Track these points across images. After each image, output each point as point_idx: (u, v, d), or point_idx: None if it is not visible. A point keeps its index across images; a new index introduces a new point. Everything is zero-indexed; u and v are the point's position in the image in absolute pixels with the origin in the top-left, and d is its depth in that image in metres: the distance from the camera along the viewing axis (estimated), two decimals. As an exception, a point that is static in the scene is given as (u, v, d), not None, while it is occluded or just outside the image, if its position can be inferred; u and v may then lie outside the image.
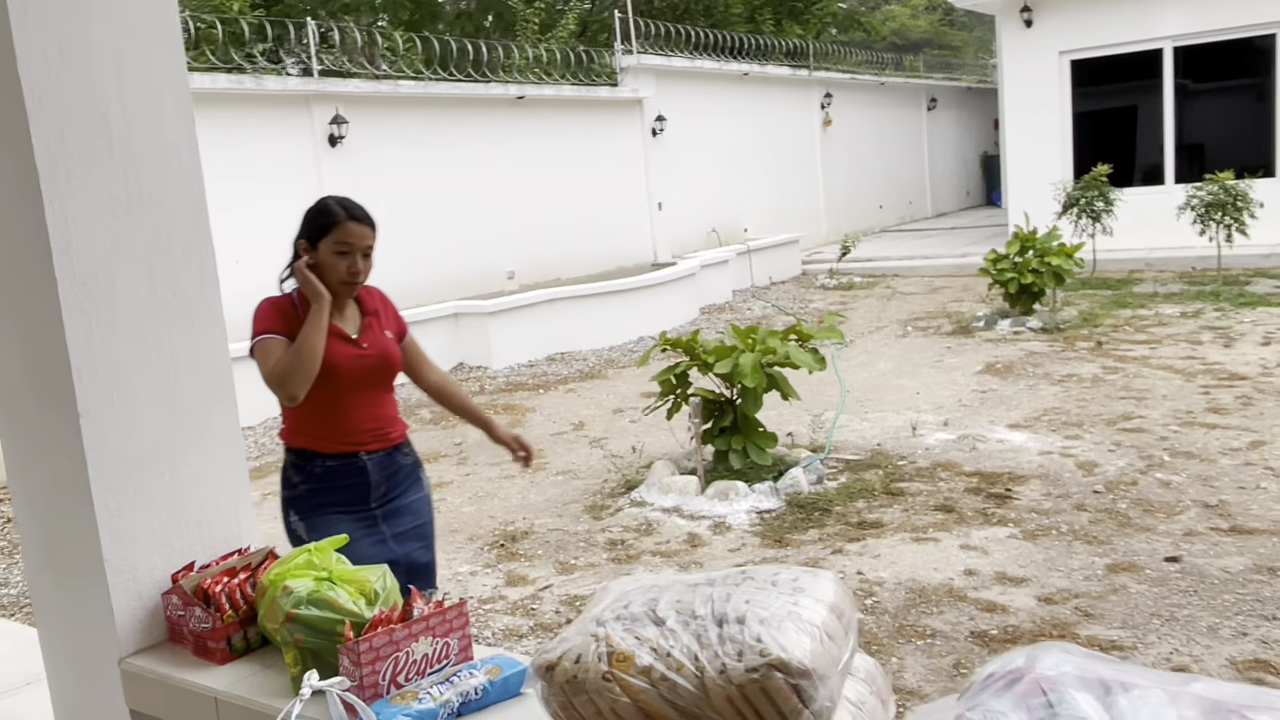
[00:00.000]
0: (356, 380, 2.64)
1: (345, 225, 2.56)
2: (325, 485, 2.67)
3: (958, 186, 22.28)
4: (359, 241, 2.58)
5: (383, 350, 2.71)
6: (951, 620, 3.66)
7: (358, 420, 2.66)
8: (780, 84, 16.01)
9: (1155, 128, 13.12)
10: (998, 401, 6.71)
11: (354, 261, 2.58)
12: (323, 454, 2.66)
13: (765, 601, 1.32)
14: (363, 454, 2.67)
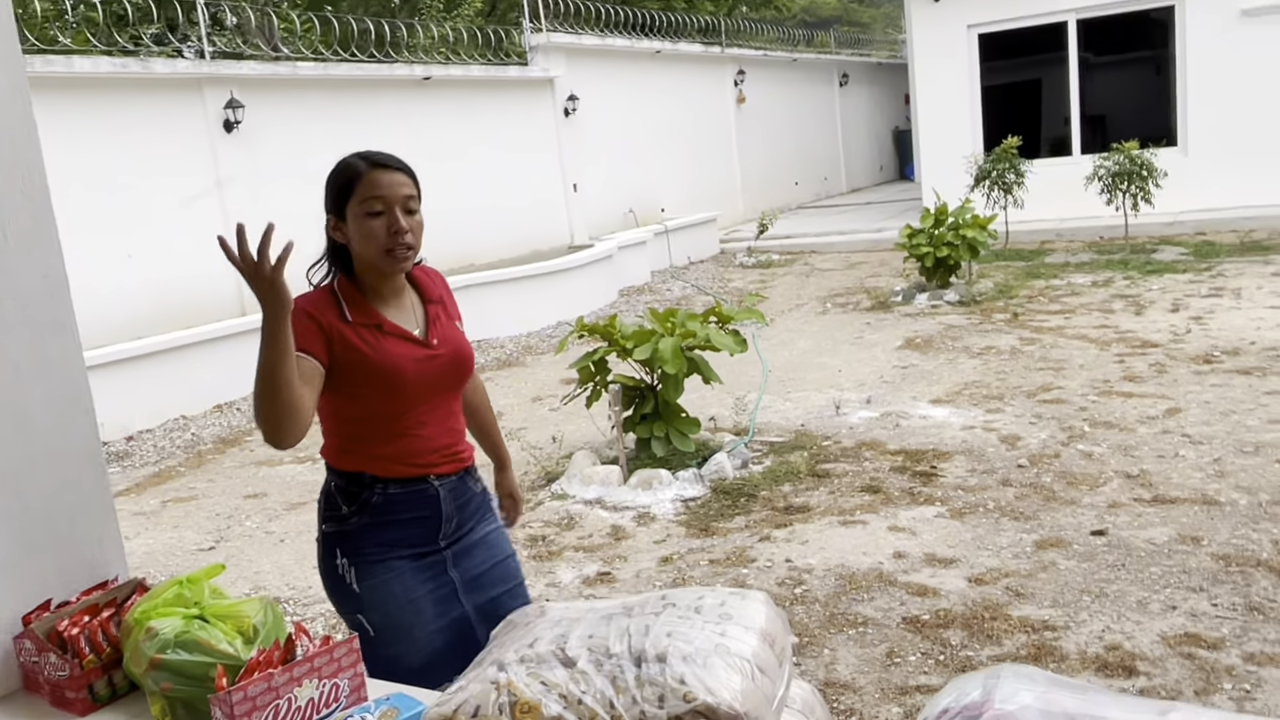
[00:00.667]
0: (426, 388, 2.09)
1: (369, 176, 2.01)
2: (385, 519, 2.09)
3: (871, 162, 22.45)
4: (393, 191, 2.00)
5: (456, 348, 2.16)
6: (883, 606, 3.57)
7: (428, 436, 2.10)
8: (693, 61, 15.87)
9: (1061, 100, 13.31)
10: (919, 377, 6.68)
11: (393, 219, 1.99)
12: (383, 478, 2.08)
13: (688, 634, 1.16)
14: (433, 477, 2.11)
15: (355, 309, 2.05)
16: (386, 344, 2.04)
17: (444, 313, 2.19)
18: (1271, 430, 4.93)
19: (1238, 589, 3.43)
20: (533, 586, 4.03)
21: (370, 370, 2.02)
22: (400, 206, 2.01)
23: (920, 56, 13.77)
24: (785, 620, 1.28)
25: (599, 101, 13.40)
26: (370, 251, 2.01)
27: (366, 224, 2.00)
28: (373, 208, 1.99)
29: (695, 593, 1.27)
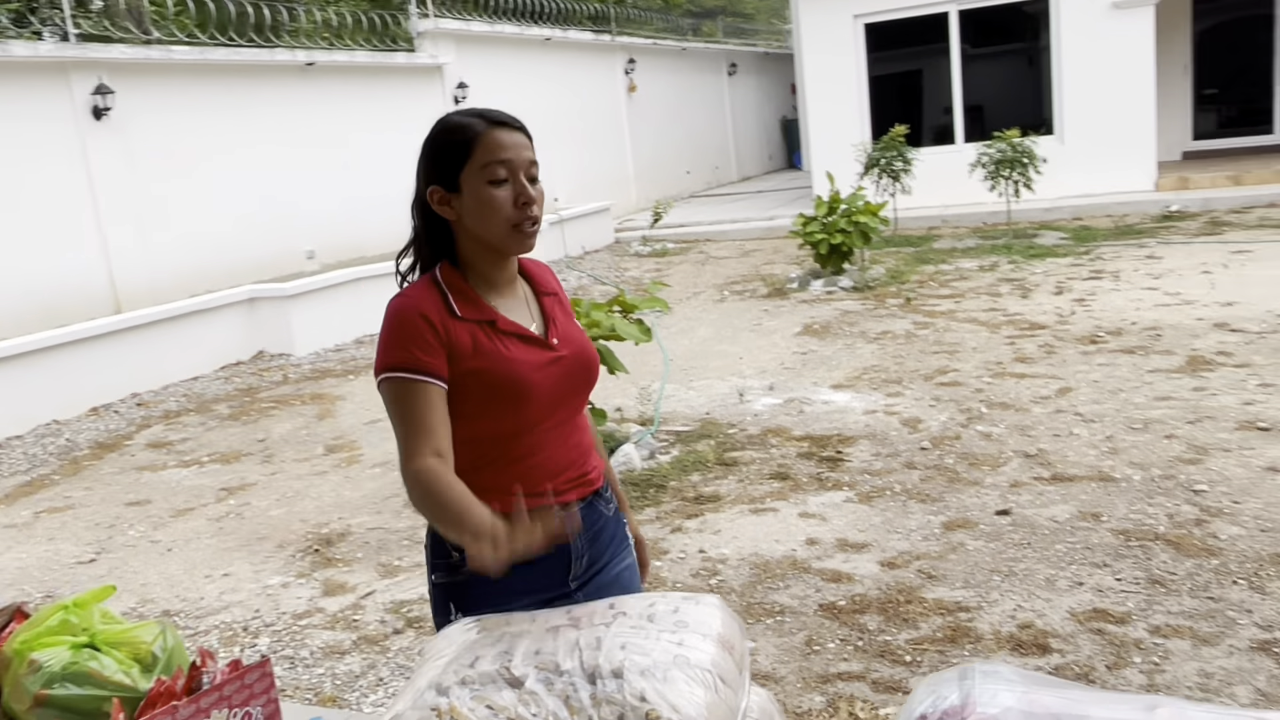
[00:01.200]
0: (553, 399, 1.73)
1: (489, 136, 1.66)
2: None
3: (760, 151, 22.67)
4: (518, 155, 1.67)
5: (580, 348, 1.81)
6: (799, 594, 3.56)
7: (552, 459, 1.75)
8: (583, 49, 15.74)
9: (944, 90, 13.62)
10: (819, 362, 6.73)
11: (521, 187, 1.66)
12: (500, 513, 1.64)
13: (644, 645, 1.08)
14: (559, 508, 1.72)
15: (463, 302, 1.69)
16: (503, 346, 1.69)
17: (560, 308, 1.84)
18: (1157, 407, 5.11)
19: (1139, 563, 3.52)
20: (441, 588, 3.90)
21: (485, 380, 1.65)
22: (524, 173, 1.68)
23: (808, 46, 13.92)
24: (740, 624, 1.21)
25: (489, 89, 13.17)
26: (493, 227, 1.67)
27: (489, 193, 1.65)
28: (496, 174, 1.65)
29: (645, 599, 1.19)
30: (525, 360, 1.69)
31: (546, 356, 1.72)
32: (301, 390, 7.46)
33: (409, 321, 1.64)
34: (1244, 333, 6.27)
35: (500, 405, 1.67)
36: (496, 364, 1.66)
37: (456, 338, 1.65)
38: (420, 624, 3.66)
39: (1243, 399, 5.07)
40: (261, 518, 4.94)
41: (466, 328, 1.67)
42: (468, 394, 1.66)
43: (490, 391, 1.66)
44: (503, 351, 1.68)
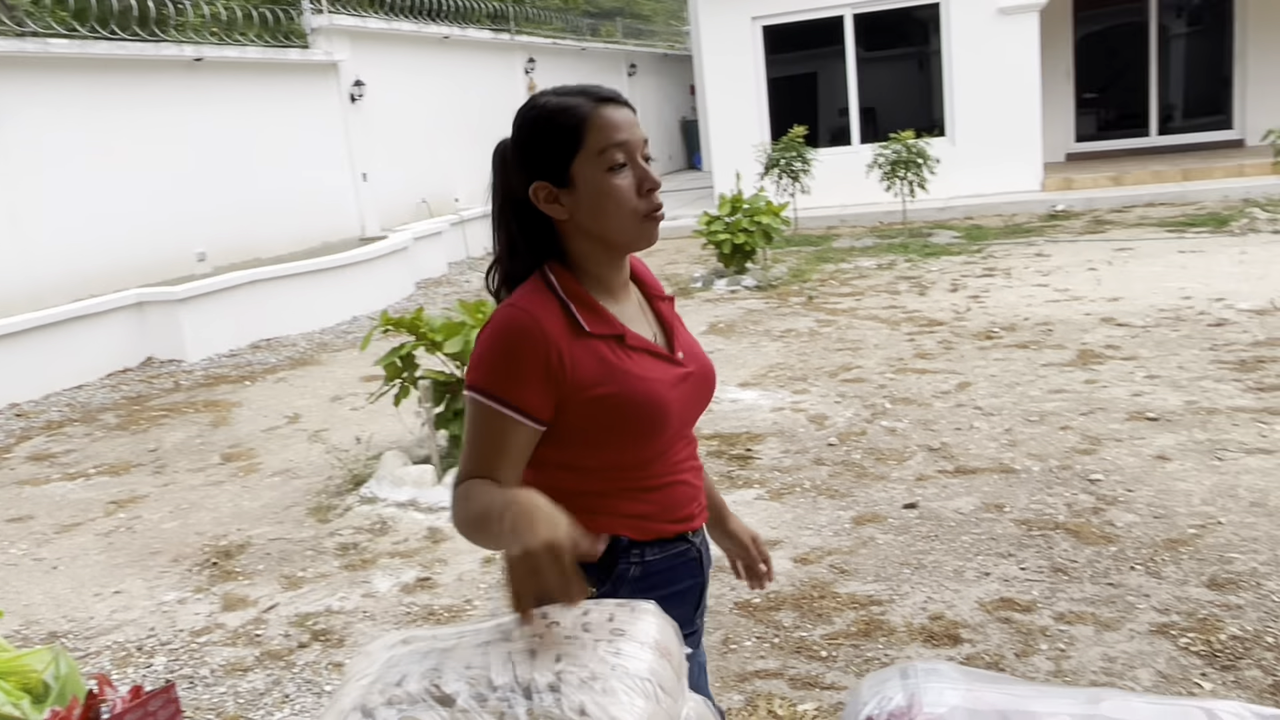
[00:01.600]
0: (682, 421, 1.57)
1: (599, 116, 1.44)
2: (648, 591, 1.47)
3: (661, 151, 22.76)
4: (634, 134, 1.46)
5: (704, 363, 1.62)
6: (714, 593, 3.54)
7: (684, 482, 1.60)
8: (483, 48, 15.57)
9: (840, 91, 13.87)
10: (725, 360, 6.77)
11: (643, 171, 1.45)
12: (640, 542, 1.55)
13: (580, 656, 1.05)
14: (691, 535, 1.62)
15: (588, 314, 1.47)
16: (636, 364, 1.48)
17: (675, 313, 1.64)
18: (1052, 400, 5.27)
19: (1041, 552, 3.61)
20: (347, 598, 3.80)
21: (615, 406, 1.45)
22: (641, 154, 1.47)
23: (707, 48, 14.03)
24: (677, 631, 1.18)
25: (387, 87, 12.92)
26: (617, 221, 1.45)
27: (609, 183, 1.43)
28: (614, 159, 1.43)
29: (580, 608, 1.15)
30: (658, 379, 1.49)
31: (676, 373, 1.53)
32: (194, 398, 7.19)
33: (524, 343, 1.41)
34: (1129, 327, 6.52)
35: (632, 432, 1.47)
36: (628, 386, 1.45)
37: (580, 362, 1.44)
38: (326, 636, 3.54)
39: (1131, 390, 5.27)
40: (154, 531, 4.73)
41: (593, 347, 1.45)
42: (595, 422, 1.46)
43: (621, 418, 1.45)
44: (635, 371, 1.47)
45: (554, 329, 1.43)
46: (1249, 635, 2.96)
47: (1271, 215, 9.54)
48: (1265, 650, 2.88)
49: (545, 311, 1.44)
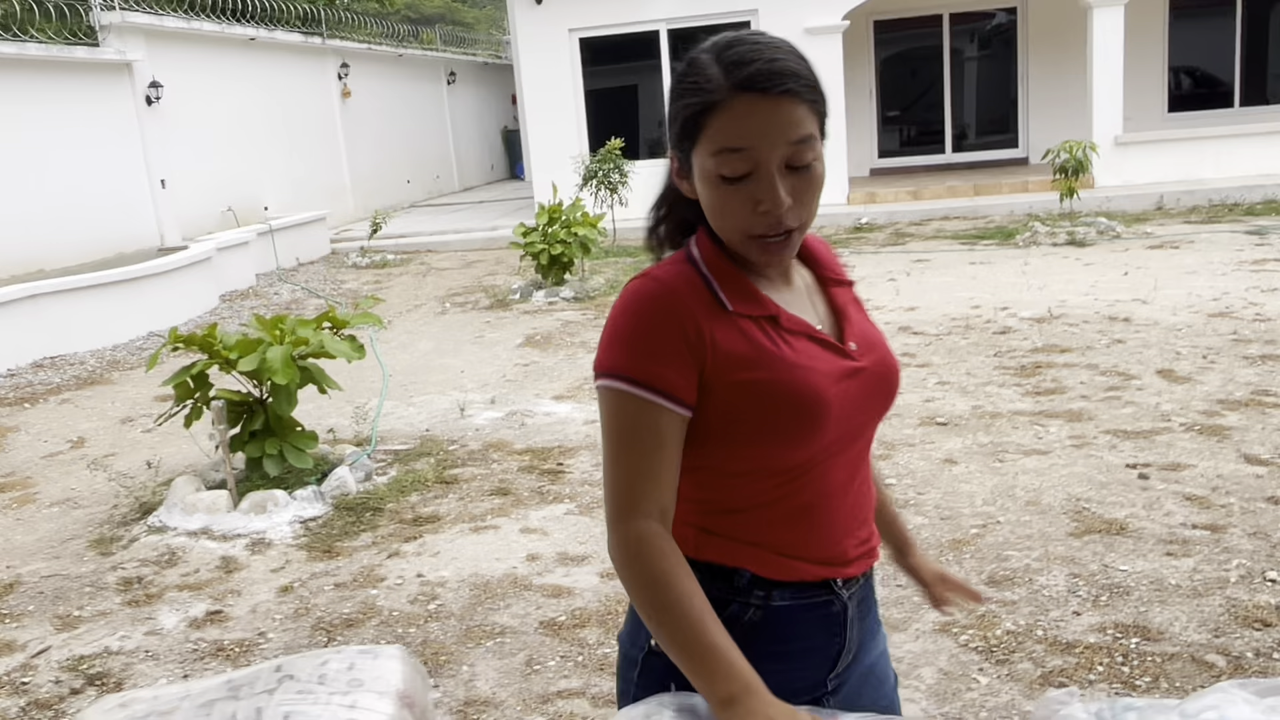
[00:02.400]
0: (848, 424, 1.28)
1: (730, 106, 1.17)
2: (763, 648, 1.25)
3: (482, 160, 22.56)
4: (773, 137, 1.16)
5: (883, 357, 1.34)
6: (519, 613, 3.51)
7: (845, 507, 1.32)
8: (292, 51, 15.02)
9: (657, 104, 14.10)
10: (540, 374, 6.74)
11: (768, 187, 1.17)
12: (768, 581, 1.28)
13: (310, 711, 0.99)
14: (839, 583, 1.32)
15: (734, 291, 1.25)
16: (789, 349, 1.24)
17: (855, 302, 1.37)
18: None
19: (837, 557, 3.74)
20: (128, 637, 3.57)
21: (764, 395, 1.21)
22: (780, 161, 1.17)
23: (525, 59, 13.99)
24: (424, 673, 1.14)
25: (188, 90, 12.29)
26: (726, 234, 1.24)
27: (717, 190, 1.20)
28: (730, 166, 1.18)
29: (318, 658, 1.09)
30: (818, 369, 1.24)
31: (843, 366, 1.27)
32: (-36, 423, 6.61)
33: (659, 315, 1.21)
34: (924, 335, 6.86)
35: (781, 429, 1.22)
36: (781, 373, 1.22)
37: (724, 341, 1.22)
38: (103, 680, 3.30)
39: (924, 396, 5.54)
40: (-91, 573, 4.31)
41: (739, 326, 1.24)
42: (738, 414, 1.22)
43: (769, 410, 1.21)
44: (789, 356, 1.23)
45: (694, 304, 1.22)
46: (1022, 629, 3.15)
47: (1051, 229, 10.26)
48: (1036, 643, 3.06)
49: (684, 285, 1.24)
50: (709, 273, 1.26)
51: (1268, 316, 6.59)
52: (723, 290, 1.24)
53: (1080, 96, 13.12)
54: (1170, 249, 9.30)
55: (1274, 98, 14.66)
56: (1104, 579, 3.40)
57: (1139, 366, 5.75)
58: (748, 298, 1.25)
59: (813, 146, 1.18)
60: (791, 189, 1.18)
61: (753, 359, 1.22)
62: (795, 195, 1.18)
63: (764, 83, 1.15)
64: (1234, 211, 11.14)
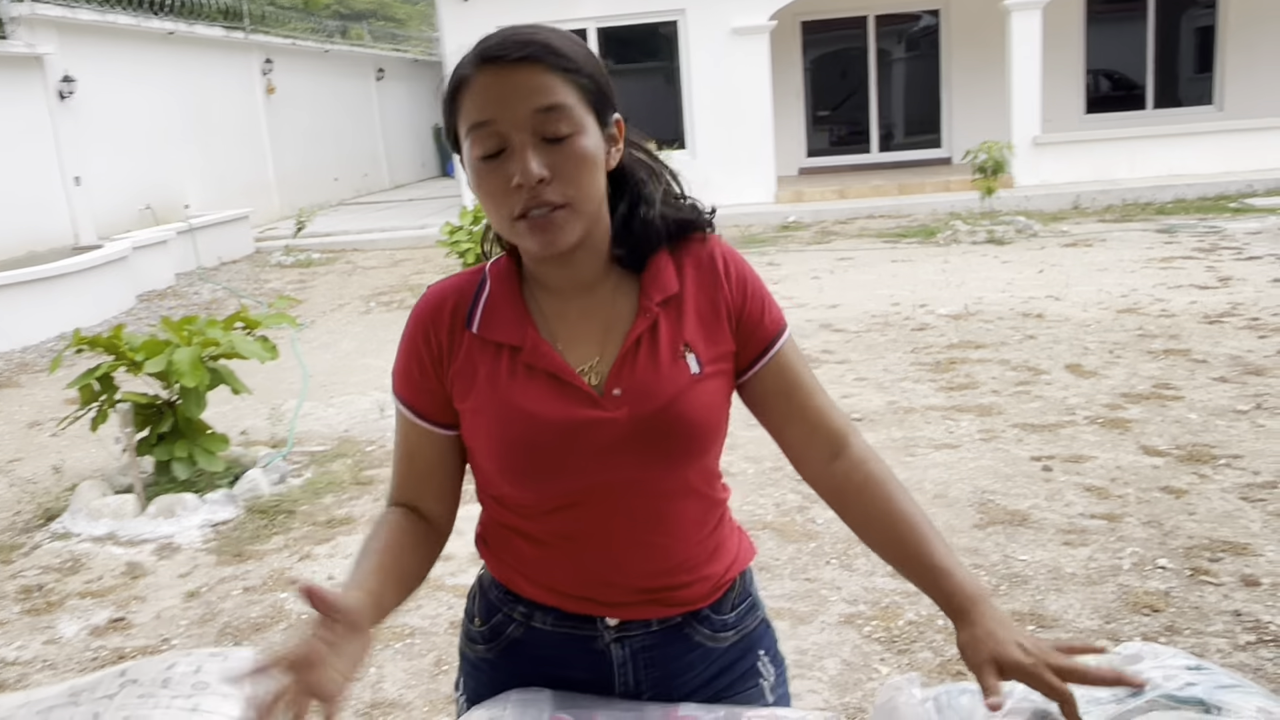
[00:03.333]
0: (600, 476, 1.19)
1: (476, 80, 1.12)
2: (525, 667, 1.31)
3: (413, 158, 22.35)
4: (516, 106, 1.09)
5: (658, 409, 1.18)
6: (430, 614, 3.49)
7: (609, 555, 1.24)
8: (214, 46, 14.73)
9: (587, 103, 14.09)
10: (464, 373, 6.70)
11: (521, 159, 1.09)
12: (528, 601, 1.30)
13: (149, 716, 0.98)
14: (605, 622, 1.27)
15: (493, 310, 1.20)
16: (519, 386, 1.17)
17: (667, 331, 1.19)
18: (771, 404, 5.54)
19: (748, 552, 3.78)
20: (25, 647, 3.47)
21: (483, 429, 1.19)
22: (528, 132, 1.10)
23: (452, 56, 13.86)
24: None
25: (103, 85, 11.99)
26: (494, 221, 1.15)
27: (478, 177, 1.12)
28: (485, 145, 1.11)
29: (165, 661, 1.08)
30: (540, 414, 1.16)
31: (583, 415, 1.16)
32: None
33: (411, 330, 1.22)
34: (844, 332, 6.97)
35: (501, 466, 1.18)
36: (496, 410, 1.16)
37: (460, 364, 1.19)
38: (-2, 692, 3.21)
39: (842, 392, 5.62)
40: None
41: (478, 350, 1.19)
42: (469, 439, 1.21)
43: (486, 444, 1.18)
44: (509, 394, 1.16)
45: (445, 318, 1.20)
46: (923, 619, 3.21)
47: (971, 228, 10.47)
48: (936, 633, 3.13)
49: (453, 296, 1.21)
50: (488, 286, 1.22)
51: (1172, 312, 6.81)
52: (482, 308, 1.20)
53: (1001, 98, 13.41)
54: (1084, 247, 9.55)
55: (1185, 100, 15.13)
56: (1004, 569, 3.49)
57: (1049, 361, 5.90)
58: (499, 322, 1.19)
59: (566, 116, 1.10)
60: (549, 163, 1.09)
61: (475, 389, 1.19)
62: (554, 170, 1.09)
63: (501, 50, 1.11)
64: (1146, 211, 11.48)
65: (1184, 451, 4.40)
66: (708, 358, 1.20)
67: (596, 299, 1.21)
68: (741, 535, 1.38)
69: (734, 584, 1.31)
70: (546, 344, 1.18)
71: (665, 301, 1.20)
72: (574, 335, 1.20)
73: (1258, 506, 3.82)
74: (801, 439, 1.29)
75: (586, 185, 1.12)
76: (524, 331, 1.18)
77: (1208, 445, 4.44)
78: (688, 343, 1.20)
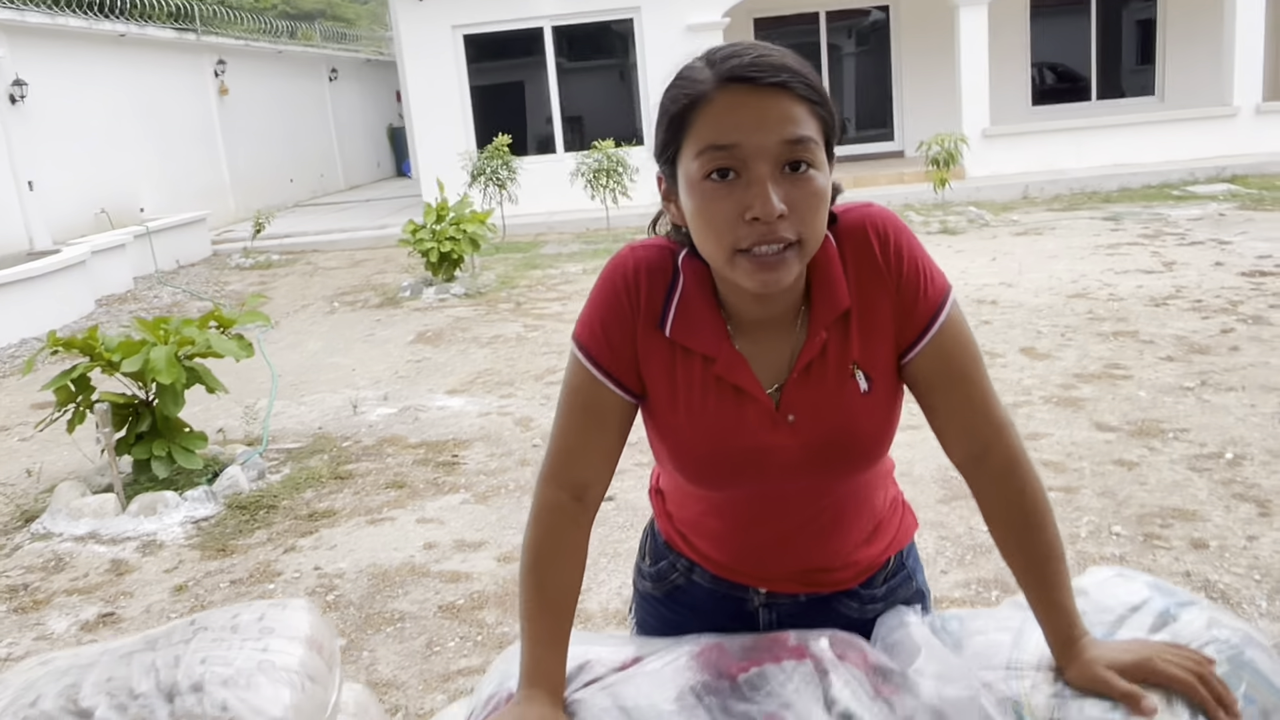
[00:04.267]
0: (773, 483, 1.23)
1: (715, 100, 1.07)
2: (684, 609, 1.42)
3: (368, 158, 22.27)
4: (764, 132, 1.05)
5: (831, 430, 1.20)
6: (418, 599, 3.59)
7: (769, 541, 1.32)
8: (166, 48, 14.61)
9: (543, 101, 14.18)
10: (433, 369, 6.78)
11: (759, 190, 1.04)
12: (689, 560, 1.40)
13: (226, 655, 1.08)
14: (757, 591, 1.35)
15: (685, 314, 1.17)
16: (709, 399, 1.18)
17: (835, 350, 1.18)
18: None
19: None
20: (16, 643, 3.52)
21: (669, 431, 1.21)
22: (773, 162, 1.05)
23: (409, 55, 13.90)
24: (330, 623, 1.24)
25: (56, 88, 11.88)
26: (707, 250, 1.11)
27: (703, 198, 1.07)
28: (715, 166, 1.06)
29: (230, 611, 1.18)
30: (729, 437, 1.17)
31: (765, 440, 1.17)
32: None
33: (608, 291, 1.19)
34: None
35: (688, 471, 1.22)
36: (688, 421, 1.18)
37: (654, 352, 1.19)
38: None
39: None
40: None
41: (667, 351, 1.19)
42: (660, 432, 1.23)
43: (678, 451, 1.21)
44: (705, 408, 1.17)
45: (645, 299, 1.18)
46: (894, 589, 3.37)
47: (925, 219, 10.71)
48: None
49: (648, 275, 1.19)
50: (681, 283, 1.18)
51: (1120, 296, 7.05)
52: (675, 308, 1.17)
53: (951, 91, 13.69)
54: (1034, 235, 9.82)
55: (1128, 91, 15.54)
56: (969, 540, 3.65)
57: (1004, 345, 6.10)
58: (695, 328, 1.17)
59: (811, 150, 1.06)
60: (786, 198, 1.04)
61: (665, 389, 1.19)
62: (792, 205, 1.04)
63: (754, 72, 1.05)
64: (1092, 199, 11.81)
65: (1134, 426, 4.61)
66: (876, 371, 1.18)
67: (777, 306, 1.17)
68: (905, 512, 1.39)
69: (889, 561, 1.34)
70: (741, 358, 1.16)
71: (837, 320, 1.17)
72: (762, 347, 1.18)
73: (1204, 475, 4.02)
74: (954, 431, 1.22)
75: (818, 224, 1.08)
76: (720, 342, 1.16)
77: (1156, 420, 4.66)
78: (856, 361, 1.17)
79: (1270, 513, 3.66)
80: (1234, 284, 7.16)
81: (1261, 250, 8.25)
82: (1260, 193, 11.17)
